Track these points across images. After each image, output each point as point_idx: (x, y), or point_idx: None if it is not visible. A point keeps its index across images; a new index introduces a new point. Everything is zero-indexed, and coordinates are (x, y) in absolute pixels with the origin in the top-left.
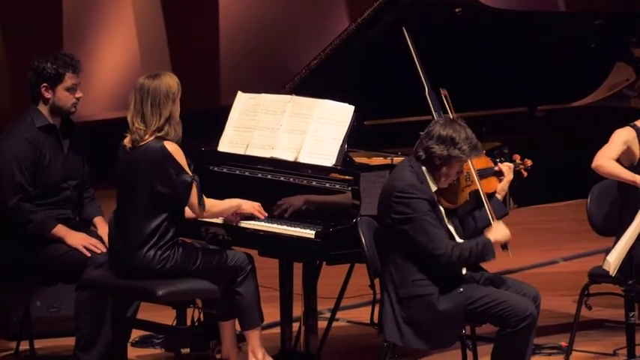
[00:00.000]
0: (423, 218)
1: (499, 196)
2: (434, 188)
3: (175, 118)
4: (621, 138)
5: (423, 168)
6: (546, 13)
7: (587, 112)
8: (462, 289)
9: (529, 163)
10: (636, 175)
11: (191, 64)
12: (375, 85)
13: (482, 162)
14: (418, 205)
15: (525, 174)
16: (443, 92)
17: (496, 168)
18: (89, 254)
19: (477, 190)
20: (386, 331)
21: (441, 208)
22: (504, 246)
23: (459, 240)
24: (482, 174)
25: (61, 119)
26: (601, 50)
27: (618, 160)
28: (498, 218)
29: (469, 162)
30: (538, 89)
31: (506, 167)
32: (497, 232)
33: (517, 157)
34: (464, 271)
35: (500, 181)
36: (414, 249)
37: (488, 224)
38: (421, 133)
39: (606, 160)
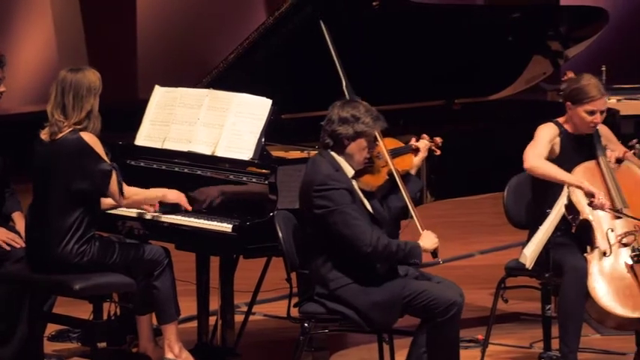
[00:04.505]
0: (344, 210)
1: (412, 172)
2: (351, 173)
3: (95, 113)
4: (547, 135)
5: (334, 155)
6: (464, 6)
7: (505, 105)
8: (402, 273)
9: (438, 140)
10: (583, 181)
11: (108, 57)
12: (293, 78)
13: (392, 142)
14: (338, 197)
15: (438, 152)
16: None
17: (413, 145)
18: (9, 248)
19: (392, 171)
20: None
21: (360, 194)
22: (434, 254)
23: (380, 232)
24: (397, 152)
25: None
26: (518, 43)
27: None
28: (415, 193)
29: (381, 143)
30: (455, 82)
31: (423, 144)
32: (427, 240)
33: (426, 137)
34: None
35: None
36: (339, 242)
37: (404, 203)
38: (322, 123)
39: (540, 160)
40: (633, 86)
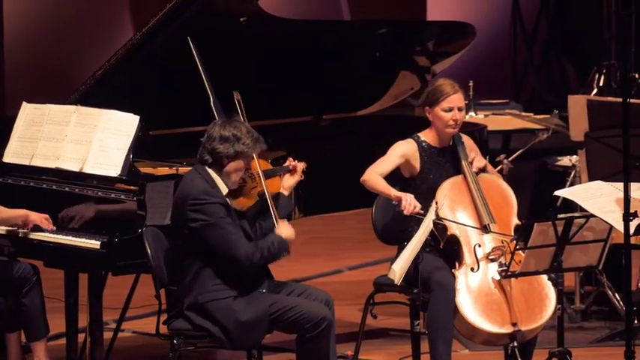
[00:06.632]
0: (219, 224)
1: (286, 193)
2: (225, 191)
3: None
4: (399, 151)
5: (211, 172)
6: (331, 22)
7: (372, 121)
8: (264, 290)
9: (304, 165)
10: (391, 189)
11: None
12: (162, 94)
13: (263, 164)
14: (213, 210)
15: (301, 176)
16: (236, 96)
17: (291, 166)
18: None
19: (264, 192)
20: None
21: (233, 212)
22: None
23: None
24: (270, 174)
25: None
26: (386, 59)
27: (398, 171)
28: (284, 216)
29: (256, 163)
30: (323, 98)
31: (299, 166)
32: (284, 229)
33: (291, 160)
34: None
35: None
36: (214, 255)
37: (274, 224)
38: (201, 139)
39: (373, 175)
40: (500, 101)
